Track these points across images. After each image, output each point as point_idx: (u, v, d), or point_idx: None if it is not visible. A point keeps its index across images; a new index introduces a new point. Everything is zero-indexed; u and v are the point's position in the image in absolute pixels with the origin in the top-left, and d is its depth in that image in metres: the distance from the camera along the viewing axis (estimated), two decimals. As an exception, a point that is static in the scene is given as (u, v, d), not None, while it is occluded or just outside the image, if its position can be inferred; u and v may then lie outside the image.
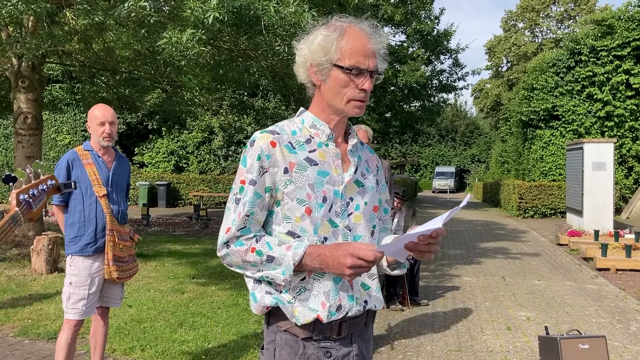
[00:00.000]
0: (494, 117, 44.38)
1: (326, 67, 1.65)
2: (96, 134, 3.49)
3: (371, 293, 1.73)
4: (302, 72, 1.72)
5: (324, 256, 1.53)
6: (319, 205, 1.64)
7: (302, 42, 1.71)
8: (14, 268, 7.94)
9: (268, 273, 1.60)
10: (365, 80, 1.64)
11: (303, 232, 1.63)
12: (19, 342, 4.79)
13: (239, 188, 1.65)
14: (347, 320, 1.67)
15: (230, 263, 1.66)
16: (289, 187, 1.63)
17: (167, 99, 12.87)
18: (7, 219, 1.51)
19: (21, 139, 9.16)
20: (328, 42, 1.64)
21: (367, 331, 1.80)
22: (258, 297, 1.67)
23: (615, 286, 7.64)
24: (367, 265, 1.48)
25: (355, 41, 1.64)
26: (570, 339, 3.73)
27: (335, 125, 1.73)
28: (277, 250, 1.58)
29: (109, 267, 3.44)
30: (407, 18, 19.69)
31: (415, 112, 22.82)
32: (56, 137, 22.82)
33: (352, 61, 1.62)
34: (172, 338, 4.87)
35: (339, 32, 1.65)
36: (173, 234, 13.11)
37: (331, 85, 1.66)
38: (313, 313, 1.61)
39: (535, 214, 18.70)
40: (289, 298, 1.63)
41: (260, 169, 1.63)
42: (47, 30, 7.67)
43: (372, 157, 1.87)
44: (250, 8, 5.88)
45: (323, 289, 1.63)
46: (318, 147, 1.70)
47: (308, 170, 1.65)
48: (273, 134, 1.66)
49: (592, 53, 18.86)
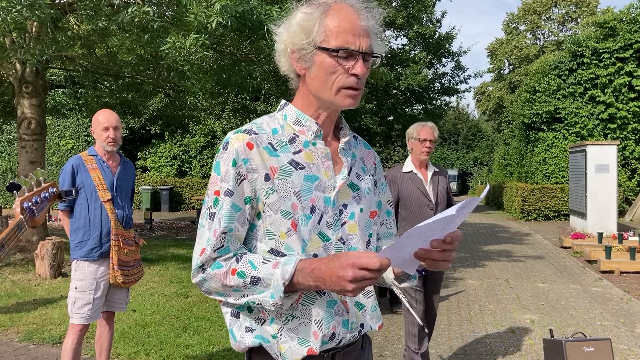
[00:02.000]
0: (496, 119, 44.33)
1: (309, 51, 1.37)
2: (100, 139, 3.51)
3: (366, 313, 1.50)
4: (283, 61, 1.45)
5: (320, 271, 1.25)
6: (307, 217, 1.38)
7: (281, 25, 1.44)
8: (18, 273, 7.96)
9: (254, 298, 1.32)
10: (357, 64, 1.35)
11: (289, 250, 1.37)
12: (24, 347, 4.80)
13: (212, 200, 1.38)
14: (341, 350, 1.45)
15: (208, 289, 1.38)
16: (271, 197, 1.36)
17: (169, 104, 12.91)
18: (12, 226, 1.53)
19: (25, 144, 9.19)
20: (309, 20, 1.36)
21: (364, 355, 1.59)
22: (237, 336, 1.42)
23: (620, 289, 7.62)
24: (371, 276, 1.21)
25: (342, 18, 1.35)
26: (575, 342, 3.72)
27: (324, 120, 1.46)
28: (262, 270, 1.30)
29: (114, 271, 3.44)
30: (409, 21, 19.73)
31: (417, 116, 22.77)
32: (59, 142, 22.87)
33: (339, 41, 1.34)
34: (176, 342, 4.88)
35: (323, 8, 1.37)
36: (176, 238, 13.12)
37: (316, 73, 1.38)
38: (304, 348, 1.37)
39: (539, 216, 18.68)
40: (273, 331, 1.38)
41: (237, 176, 1.36)
42: (51, 35, 7.70)
43: (368, 153, 1.61)
44: (253, 13, 5.91)
45: (315, 316, 1.38)
46: (304, 147, 1.43)
47: (293, 176, 1.38)
48: (250, 133, 1.39)
49: (594, 55, 18.85)
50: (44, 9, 6.00)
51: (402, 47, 21.89)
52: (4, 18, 6.17)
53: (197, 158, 23.92)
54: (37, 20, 6.60)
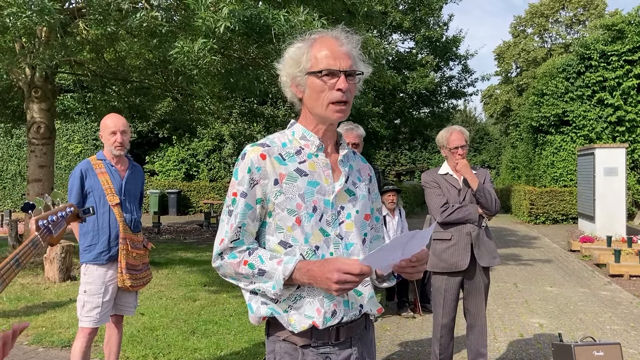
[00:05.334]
0: (503, 123, 44.19)
1: (302, 77, 1.68)
2: (108, 143, 3.53)
3: (364, 298, 1.75)
4: (288, 90, 1.75)
5: (313, 272, 1.55)
6: (309, 215, 1.67)
7: (280, 61, 1.76)
8: (27, 276, 8.01)
9: (259, 286, 1.63)
10: (340, 80, 1.64)
11: (294, 241, 1.66)
12: (33, 350, 4.82)
13: (231, 200, 1.70)
14: (344, 325, 1.69)
15: (224, 274, 1.70)
16: (279, 197, 1.66)
17: (177, 108, 12.96)
18: (27, 242, 1.57)
19: (34, 148, 9.26)
20: (299, 53, 1.68)
21: (367, 334, 1.82)
22: (254, 308, 1.70)
23: (630, 292, 7.57)
24: (354, 280, 1.50)
25: (324, 47, 1.67)
26: (585, 346, 3.70)
27: (324, 134, 1.75)
28: (268, 264, 1.61)
29: (123, 275, 3.46)
30: (416, 25, 19.73)
31: (424, 119, 22.79)
32: (68, 146, 23.00)
33: (322, 65, 1.65)
34: (184, 346, 4.89)
35: (309, 42, 1.69)
36: (184, 241, 13.16)
37: (310, 94, 1.69)
38: (308, 320, 1.64)
39: (547, 220, 18.58)
40: (284, 307, 1.65)
41: (251, 181, 1.67)
42: (60, 40, 7.76)
43: (364, 166, 1.90)
44: (261, 17, 5.93)
45: (317, 295, 1.65)
46: (308, 158, 1.72)
47: (298, 181, 1.68)
48: (263, 146, 1.70)
49: (603, 58, 18.75)
50: (54, 14, 6.05)
51: (409, 51, 21.90)
52: (14, 23, 6.22)
53: (204, 162, 23.97)
54: (46, 25, 6.65)
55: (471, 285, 3.88)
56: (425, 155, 46.28)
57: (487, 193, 3.81)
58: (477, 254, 3.80)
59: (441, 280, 3.88)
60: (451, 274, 3.84)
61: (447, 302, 3.87)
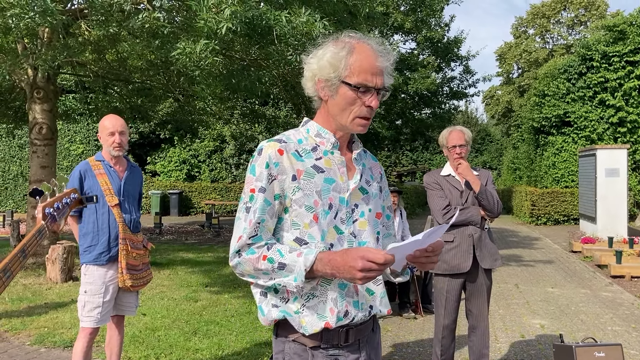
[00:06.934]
0: (505, 123, 44.15)
1: (335, 83, 1.66)
2: (107, 144, 3.54)
3: (376, 298, 1.75)
4: (309, 85, 1.73)
5: (335, 261, 1.52)
6: (325, 212, 1.66)
7: (311, 56, 1.73)
8: (29, 277, 8.02)
9: (280, 280, 1.59)
10: (372, 98, 1.65)
11: (311, 238, 1.64)
12: (36, 351, 4.84)
13: (249, 197, 1.67)
14: (354, 327, 1.69)
15: (242, 272, 1.66)
16: (297, 193, 1.65)
17: (179, 108, 12.98)
18: (33, 232, 1.57)
19: (36, 149, 9.27)
20: (337, 59, 1.65)
21: (374, 337, 1.82)
22: (265, 311, 1.69)
23: (631, 294, 7.56)
24: (377, 268, 1.47)
25: (363, 59, 1.65)
26: (586, 347, 3.70)
27: (341, 136, 1.75)
28: (288, 257, 1.57)
29: (123, 275, 3.47)
30: (417, 26, 19.71)
31: (426, 120, 22.76)
32: (69, 146, 23.03)
33: (360, 79, 1.63)
34: (186, 346, 4.90)
35: (348, 49, 1.66)
36: (185, 242, 13.17)
37: (338, 101, 1.67)
38: (321, 322, 1.63)
39: (548, 220, 18.56)
40: (296, 307, 1.64)
41: (269, 177, 1.65)
42: (62, 41, 7.78)
43: (375, 164, 1.90)
44: (263, 18, 5.93)
45: (330, 295, 1.64)
46: (324, 155, 1.72)
47: (315, 177, 1.67)
48: (280, 142, 1.69)
49: (604, 59, 18.74)
50: (56, 15, 6.06)
51: (410, 51, 21.88)
52: (17, 24, 6.23)
53: (206, 162, 23.99)
54: (49, 26, 6.67)
55: (473, 287, 3.89)
56: (427, 156, 46.26)
57: (490, 195, 3.81)
58: (479, 256, 3.80)
59: (443, 282, 3.89)
60: (453, 275, 3.85)
61: (449, 304, 3.88)
